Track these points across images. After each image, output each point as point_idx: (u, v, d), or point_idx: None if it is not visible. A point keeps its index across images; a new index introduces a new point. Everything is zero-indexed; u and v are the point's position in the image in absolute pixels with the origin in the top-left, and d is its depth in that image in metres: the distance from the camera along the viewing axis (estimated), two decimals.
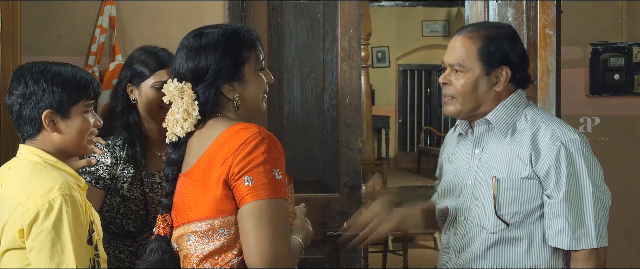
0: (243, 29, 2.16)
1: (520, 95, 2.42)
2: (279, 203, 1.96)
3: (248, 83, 2.12)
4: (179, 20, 3.72)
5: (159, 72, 2.74)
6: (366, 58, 8.43)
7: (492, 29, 2.42)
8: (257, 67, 2.15)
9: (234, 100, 2.10)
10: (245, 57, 2.11)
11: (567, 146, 2.29)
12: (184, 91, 2.09)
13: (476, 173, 2.41)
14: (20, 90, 2.17)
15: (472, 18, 3.65)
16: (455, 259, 2.43)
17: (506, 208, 2.32)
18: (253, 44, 2.15)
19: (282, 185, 1.98)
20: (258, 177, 1.95)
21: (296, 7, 3.82)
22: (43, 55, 2.85)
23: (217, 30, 2.13)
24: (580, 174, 2.28)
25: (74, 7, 3.66)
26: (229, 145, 1.99)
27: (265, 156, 1.96)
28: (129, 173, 2.71)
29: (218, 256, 2.02)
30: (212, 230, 2.01)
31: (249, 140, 1.97)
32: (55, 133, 2.18)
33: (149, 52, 2.79)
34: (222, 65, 2.08)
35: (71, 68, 2.23)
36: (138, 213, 2.71)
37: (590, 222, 2.27)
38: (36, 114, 2.16)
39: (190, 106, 2.08)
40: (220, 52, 2.08)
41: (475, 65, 2.37)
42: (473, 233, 2.39)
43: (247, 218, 1.95)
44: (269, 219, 1.94)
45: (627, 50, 3.89)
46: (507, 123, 2.37)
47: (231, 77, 2.09)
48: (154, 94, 2.72)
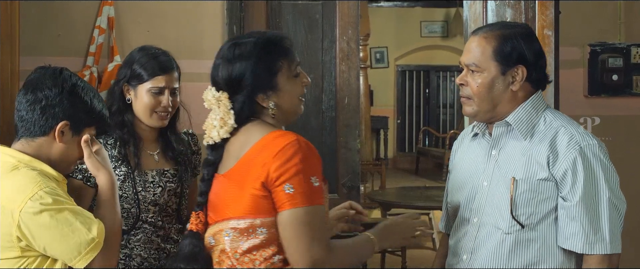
0: (276, 38, 2.22)
1: (539, 97, 2.41)
2: (316, 209, 2.07)
3: (282, 91, 2.18)
4: (177, 20, 3.72)
5: (158, 78, 2.73)
6: (365, 58, 8.45)
7: (508, 29, 2.40)
8: (291, 74, 2.20)
9: (270, 108, 2.18)
10: (279, 66, 2.17)
11: (585, 151, 2.29)
12: (221, 100, 2.18)
13: (492, 174, 2.41)
14: (53, 93, 2.18)
15: (471, 19, 3.65)
16: (467, 261, 2.42)
17: (522, 208, 2.32)
18: (285, 52, 2.20)
19: (318, 192, 2.08)
20: (297, 185, 2.04)
21: (295, 7, 3.83)
22: (42, 56, 2.86)
23: (250, 40, 2.19)
24: (598, 179, 2.28)
25: (72, 8, 3.65)
26: (267, 150, 2.07)
27: (303, 164, 2.05)
28: (121, 172, 2.70)
29: (256, 252, 2.11)
30: (252, 228, 2.10)
31: (287, 148, 2.06)
32: (60, 143, 2.20)
33: (151, 55, 2.77)
34: (256, 75, 2.15)
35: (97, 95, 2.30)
36: (130, 211, 2.71)
37: (605, 227, 2.27)
38: (53, 120, 2.18)
39: (226, 115, 2.17)
40: (253, 63, 2.15)
41: (490, 65, 2.36)
42: (487, 234, 2.39)
43: (286, 226, 2.07)
44: (306, 225, 2.05)
45: (626, 51, 3.89)
46: (527, 126, 2.37)
47: (265, 87, 2.16)
48: (150, 98, 2.72)
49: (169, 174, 2.79)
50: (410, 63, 13.66)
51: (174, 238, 2.82)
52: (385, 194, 7.52)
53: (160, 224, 2.77)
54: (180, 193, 2.82)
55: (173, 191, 2.79)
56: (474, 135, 2.54)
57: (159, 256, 2.76)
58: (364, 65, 9.18)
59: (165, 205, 2.77)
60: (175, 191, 2.80)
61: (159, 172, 2.78)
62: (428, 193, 7.22)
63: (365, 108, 9.58)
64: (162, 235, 2.78)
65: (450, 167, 2.66)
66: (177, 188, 2.81)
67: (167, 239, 2.79)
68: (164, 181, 2.77)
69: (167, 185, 2.78)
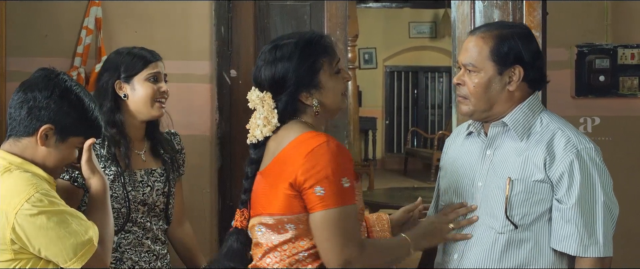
0: (315, 37, 2.27)
1: (536, 98, 2.42)
2: (347, 209, 2.12)
3: (325, 89, 2.24)
4: (165, 21, 3.71)
5: (152, 64, 2.75)
6: (353, 59, 8.45)
7: (505, 29, 2.40)
8: (333, 71, 2.26)
9: (314, 106, 2.24)
10: (320, 65, 2.23)
11: (582, 154, 2.30)
12: (265, 100, 2.23)
13: (487, 174, 2.41)
14: (43, 94, 2.17)
15: (459, 19, 3.66)
16: (458, 260, 2.43)
17: (516, 209, 2.32)
18: (326, 50, 2.25)
19: (349, 192, 2.13)
20: (327, 187, 2.10)
21: (283, 8, 3.82)
22: (28, 57, 2.85)
23: (291, 41, 2.25)
24: (594, 183, 2.29)
25: (59, 8, 3.64)
26: (299, 151, 2.14)
27: (332, 166, 2.10)
28: (111, 171, 2.70)
29: (287, 247, 2.19)
30: (280, 224, 2.18)
31: (317, 149, 2.11)
32: (43, 147, 2.18)
33: (134, 51, 2.79)
34: (298, 75, 2.21)
35: (94, 105, 2.26)
36: (120, 211, 2.70)
37: (599, 231, 2.28)
38: (37, 122, 2.16)
39: (270, 114, 2.23)
40: (295, 63, 2.21)
41: (487, 65, 2.36)
42: (480, 234, 2.39)
43: (319, 227, 2.13)
44: (337, 226, 2.11)
45: (613, 52, 3.91)
46: (524, 127, 2.37)
47: (308, 85, 2.22)
48: (149, 86, 2.74)
49: (156, 173, 2.80)
50: (398, 64, 13.68)
51: (162, 239, 2.82)
52: (373, 195, 7.51)
53: (149, 226, 2.77)
54: (168, 193, 2.82)
55: (161, 190, 2.80)
56: (469, 133, 2.54)
57: (149, 259, 2.76)
58: (353, 65, 9.16)
59: (153, 205, 2.78)
60: (163, 191, 2.80)
61: (147, 172, 2.78)
62: (416, 194, 7.17)
63: (354, 109, 9.58)
64: (151, 237, 2.77)
65: (442, 164, 2.65)
66: (165, 188, 2.81)
67: (155, 240, 2.79)
68: (152, 181, 2.77)
69: (155, 184, 2.78)
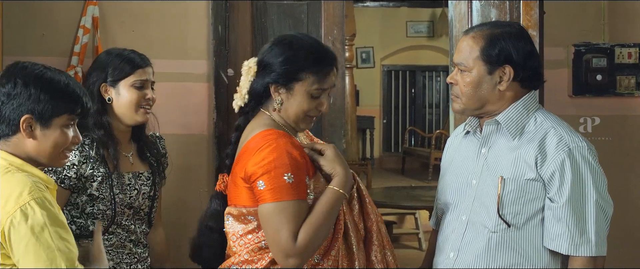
0: (324, 55, 2.37)
1: (532, 97, 2.42)
2: (286, 204, 2.20)
3: (293, 98, 2.34)
4: (162, 20, 3.71)
5: (139, 71, 2.74)
6: (350, 58, 8.43)
7: (497, 28, 2.41)
8: (310, 90, 2.33)
9: (276, 102, 2.34)
10: (302, 77, 2.32)
11: (574, 152, 2.30)
12: (250, 69, 2.39)
13: (481, 172, 2.42)
14: (7, 89, 2.11)
15: (456, 19, 3.66)
16: (454, 258, 2.43)
17: (508, 207, 2.33)
18: (318, 71, 2.33)
19: (292, 188, 2.20)
20: (268, 181, 2.20)
21: (280, 7, 3.82)
22: (25, 56, 2.83)
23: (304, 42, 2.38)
24: (585, 181, 2.29)
25: (56, 7, 3.63)
26: (252, 146, 2.27)
27: (275, 162, 2.20)
28: (100, 173, 2.69)
29: (251, 236, 2.31)
30: (242, 215, 2.31)
31: (265, 145, 2.23)
32: (30, 139, 2.12)
33: (124, 54, 2.77)
34: (281, 70, 2.32)
35: (65, 78, 2.16)
36: (105, 213, 2.70)
37: (591, 229, 2.28)
38: (16, 116, 2.10)
39: (245, 83, 2.38)
40: (285, 58, 2.32)
41: (477, 64, 2.37)
42: (474, 232, 2.40)
43: (261, 219, 2.25)
44: (276, 220, 2.20)
45: (610, 51, 3.91)
46: (517, 125, 2.38)
47: (281, 82, 2.33)
48: (134, 93, 2.73)
49: (143, 177, 2.81)
50: (396, 63, 13.67)
51: (143, 242, 2.83)
52: (371, 194, 7.50)
53: (133, 229, 2.77)
54: (153, 196, 2.83)
55: (147, 194, 2.80)
56: (466, 132, 2.55)
57: (130, 261, 2.76)
58: (350, 65, 9.14)
59: (139, 208, 2.78)
60: (149, 195, 2.80)
61: (134, 175, 2.78)
62: (414, 193, 7.22)
63: (351, 108, 9.56)
64: (134, 240, 2.77)
65: (441, 164, 2.67)
66: (151, 191, 2.81)
67: (137, 243, 2.79)
68: (139, 184, 2.77)
69: (142, 188, 2.79)
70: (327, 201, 2.27)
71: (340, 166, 2.32)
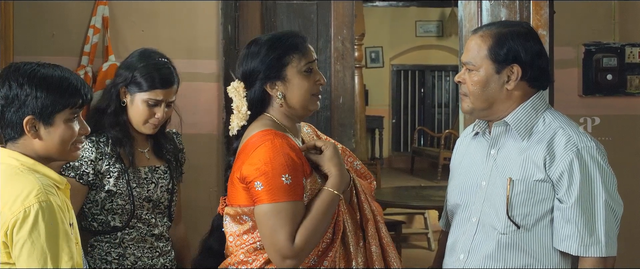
0: (287, 34, 2.39)
1: (540, 97, 2.41)
2: (283, 205, 2.20)
3: (291, 84, 2.34)
4: (172, 20, 3.72)
5: (156, 91, 2.74)
6: (360, 58, 8.42)
7: (505, 28, 2.40)
8: (302, 69, 2.35)
9: (278, 98, 2.34)
10: (287, 60, 2.34)
11: (582, 153, 2.28)
12: (237, 90, 2.38)
13: (490, 173, 2.41)
14: (4, 93, 2.09)
15: (466, 18, 3.66)
16: (465, 260, 2.42)
17: (518, 209, 2.32)
18: (296, 47, 2.35)
19: (290, 189, 2.21)
20: (265, 182, 2.20)
21: (289, 7, 3.83)
22: (36, 56, 2.84)
23: (266, 37, 2.40)
24: (594, 181, 2.28)
25: (66, 7, 3.65)
26: (248, 147, 2.28)
27: (271, 163, 2.20)
28: (116, 169, 2.72)
29: (247, 237, 2.32)
30: (238, 215, 2.32)
31: (262, 146, 2.24)
32: (36, 139, 2.12)
33: (154, 65, 2.76)
34: (265, 66, 2.34)
35: (60, 72, 2.14)
36: (124, 208, 2.73)
37: (600, 230, 2.26)
38: (18, 119, 2.09)
39: (240, 102, 2.36)
40: (263, 55, 2.34)
41: (485, 63, 2.37)
42: (484, 234, 2.39)
43: (258, 220, 2.26)
44: (273, 221, 2.21)
45: (620, 51, 3.90)
46: (526, 126, 2.37)
47: (273, 77, 2.34)
48: (145, 109, 2.75)
49: (160, 171, 2.84)
50: (405, 63, 13.65)
51: (165, 236, 2.84)
52: (380, 194, 7.51)
53: (154, 222, 2.79)
54: (172, 190, 2.85)
55: (165, 187, 2.82)
56: (475, 134, 2.55)
57: (152, 255, 2.78)
58: (359, 64, 9.13)
59: (158, 201, 2.81)
60: (167, 188, 2.83)
61: (151, 169, 2.82)
62: (423, 193, 7.21)
63: (360, 107, 9.56)
64: (156, 234, 2.79)
65: (450, 166, 2.66)
66: (169, 184, 2.84)
67: (159, 237, 2.81)
68: (156, 178, 2.81)
69: (160, 181, 2.82)
70: (322, 203, 2.27)
71: (335, 167, 2.32)
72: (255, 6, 3.79)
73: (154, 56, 2.81)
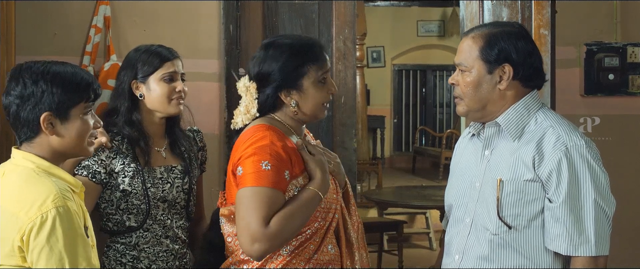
0: (309, 43, 2.41)
1: (533, 97, 2.41)
2: (260, 190, 2.20)
3: (306, 94, 2.37)
4: (173, 20, 3.72)
5: (167, 64, 2.76)
6: (361, 58, 8.45)
7: (496, 28, 2.41)
8: (318, 79, 2.37)
9: (291, 106, 2.37)
10: (306, 70, 2.36)
11: (571, 151, 2.27)
12: (249, 89, 2.37)
13: (484, 174, 2.41)
14: (18, 91, 2.09)
15: (467, 18, 3.66)
16: (460, 261, 2.42)
17: (508, 209, 2.32)
18: (316, 58, 2.37)
19: (268, 175, 2.21)
20: (245, 167, 2.23)
21: (291, 7, 3.83)
22: (38, 55, 2.85)
23: (286, 41, 2.40)
24: (582, 180, 2.26)
25: (68, 7, 3.65)
26: (240, 139, 2.32)
27: (254, 149, 2.23)
28: (131, 168, 2.71)
29: None
30: (232, 214, 2.32)
31: (249, 139, 2.26)
32: (54, 136, 2.11)
33: (151, 49, 2.80)
34: (283, 73, 2.34)
35: (71, 68, 2.15)
36: (140, 207, 2.71)
37: (590, 229, 2.25)
38: (34, 116, 2.09)
39: (251, 103, 2.37)
40: (282, 62, 2.34)
41: (477, 64, 2.37)
42: (477, 235, 2.39)
43: (236, 204, 2.24)
44: (247, 205, 2.20)
45: (622, 50, 3.90)
46: (517, 126, 2.37)
47: (290, 86, 2.35)
48: (164, 86, 2.75)
49: (176, 170, 2.81)
50: (406, 63, 13.66)
51: (182, 238, 2.83)
52: (381, 193, 7.52)
53: (169, 224, 2.77)
54: (189, 189, 2.83)
55: (181, 187, 2.80)
56: (472, 135, 2.55)
57: (167, 258, 2.76)
58: (361, 64, 9.16)
59: (174, 201, 2.78)
60: (183, 188, 2.81)
61: (167, 168, 2.80)
62: (424, 193, 7.21)
63: (362, 107, 9.58)
64: (171, 236, 2.78)
65: (451, 165, 2.67)
66: (185, 184, 2.82)
67: (175, 239, 2.79)
68: (172, 178, 2.79)
69: (176, 181, 2.79)
70: (303, 198, 2.28)
71: (320, 171, 2.35)
72: (256, 6, 3.79)
73: (146, 45, 2.84)
